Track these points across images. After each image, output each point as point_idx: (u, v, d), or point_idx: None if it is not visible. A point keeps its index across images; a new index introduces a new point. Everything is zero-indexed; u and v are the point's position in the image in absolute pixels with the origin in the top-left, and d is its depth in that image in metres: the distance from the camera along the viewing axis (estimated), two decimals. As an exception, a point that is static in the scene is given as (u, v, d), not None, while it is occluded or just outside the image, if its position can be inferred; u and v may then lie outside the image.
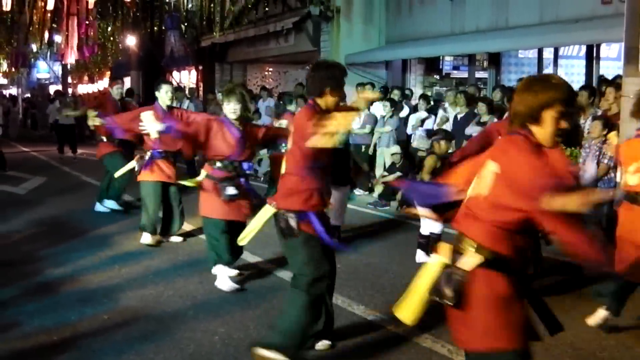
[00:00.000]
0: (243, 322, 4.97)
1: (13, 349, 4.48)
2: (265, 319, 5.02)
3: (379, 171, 11.23)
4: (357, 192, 10.58)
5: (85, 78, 36.21)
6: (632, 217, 4.84)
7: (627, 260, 4.73)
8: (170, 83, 7.99)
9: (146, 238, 7.60)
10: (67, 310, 5.22)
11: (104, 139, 9.42)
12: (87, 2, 19.16)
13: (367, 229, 8.04)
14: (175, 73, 22.55)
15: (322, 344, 4.44)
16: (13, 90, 42.74)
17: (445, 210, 3.07)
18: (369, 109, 11.62)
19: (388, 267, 6.63)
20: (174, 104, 13.46)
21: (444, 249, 2.92)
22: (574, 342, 4.67)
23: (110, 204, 9.39)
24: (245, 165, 6.08)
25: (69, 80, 35.08)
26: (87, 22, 20.42)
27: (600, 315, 4.92)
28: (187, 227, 8.25)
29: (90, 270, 6.41)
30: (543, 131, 2.75)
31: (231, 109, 5.84)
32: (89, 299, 5.52)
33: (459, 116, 10.05)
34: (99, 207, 9.41)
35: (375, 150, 11.41)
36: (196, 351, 4.47)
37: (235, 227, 5.74)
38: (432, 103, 11.67)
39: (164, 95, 7.39)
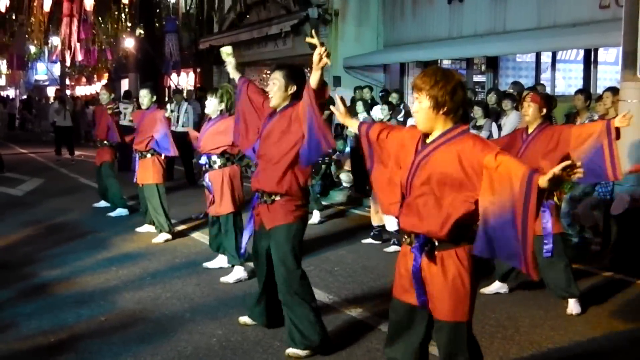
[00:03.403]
0: (241, 325, 4.96)
1: (10, 350, 4.48)
2: (263, 322, 5.01)
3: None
4: None
5: (83, 80, 36.20)
6: None
7: None
8: None
9: (164, 236, 7.78)
10: (64, 312, 5.22)
11: (105, 143, 9.53)
12: (82, 3, 19.16)
13: (366, 231, 8.03)
14: (173, 75, 22.53)
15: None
16: (10, 92, 42.71)
17: None
18: (368, 113, 11.62)
19: (386, 271, 6.62)
20: (173, 107, 13.63)
21: None
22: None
23: (120, 211, 9.40)
24: (201, 159, 6.41)
25: (67, 82, 35.04)
26: (85, 23, 20.38)
27: None
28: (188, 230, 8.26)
29: (87, 272, 6.41)
30: None
31: (209, 104, 6.28)
32: (86, 301, 5.52)
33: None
34: (115, 213, 9.42)
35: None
36: (193, 353, 4.47)
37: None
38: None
39: None
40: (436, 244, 3.01)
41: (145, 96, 8.00)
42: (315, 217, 8.94)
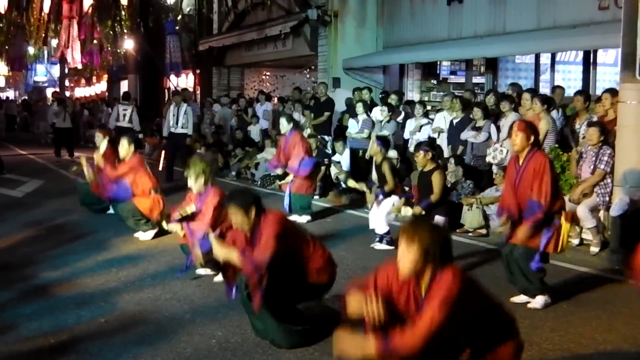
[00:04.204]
0: (240, 326, 4.97)
1: (11, 352, 4.49)
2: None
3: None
4: None
5: (83, 81, 36.21)
6: None
7: None
8: None
9: (150, 233, 7.99)
10: (64, 314, 5.23)
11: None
12: (81, 4, 19.17)
13: (365, 232, 8.03)
14: (173, 77, 22.54)
15: None
16: (10, 93, 42.69)
17: None
18: (368, 114, 11.64)
19: (385, 272, 6.63)
20: (173, 106, 13.58)
21: None
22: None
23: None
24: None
25: (66, 83, 35.04)
26: (85, 24, 20.38)
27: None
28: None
29: (87, 273, 6.42)
30: None
31: (196, 186, 6.19)
32: (86, 303, 5.52)
33: (454, 121, 10.08)
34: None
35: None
36: (193, 355, 4.48)
37: None
38: (428, 108, 11.71)
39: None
40: None
41: (123, 147, 8.24)
42: (305, 217, 9.16)
